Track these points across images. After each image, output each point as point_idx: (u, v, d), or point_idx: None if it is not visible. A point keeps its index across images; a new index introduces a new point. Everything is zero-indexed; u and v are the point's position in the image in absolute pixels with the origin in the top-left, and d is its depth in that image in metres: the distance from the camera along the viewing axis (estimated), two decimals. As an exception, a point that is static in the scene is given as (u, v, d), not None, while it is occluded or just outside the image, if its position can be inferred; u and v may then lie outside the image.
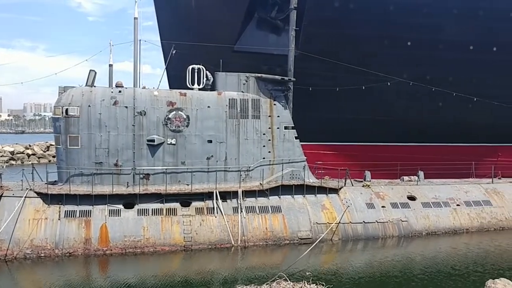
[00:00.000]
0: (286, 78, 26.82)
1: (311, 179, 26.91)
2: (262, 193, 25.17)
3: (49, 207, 22.39)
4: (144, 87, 25.01)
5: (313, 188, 26.23)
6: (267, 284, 15.60)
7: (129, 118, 23.72)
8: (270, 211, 24.78)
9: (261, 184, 25.49)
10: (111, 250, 21.94)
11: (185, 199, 24.09)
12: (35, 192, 22.69)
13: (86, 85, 23.80)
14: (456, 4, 32.13)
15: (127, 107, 23.70)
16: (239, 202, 24.32)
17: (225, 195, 24.55)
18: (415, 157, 31.76)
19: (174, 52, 26.12)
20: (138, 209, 23.15)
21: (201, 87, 25.23)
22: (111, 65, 25.99)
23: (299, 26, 28.95)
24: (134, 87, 24.72)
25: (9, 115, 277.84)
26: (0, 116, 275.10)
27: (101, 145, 23.40)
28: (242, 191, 24.60)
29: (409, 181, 29.98)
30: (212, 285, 18.68)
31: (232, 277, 19.20)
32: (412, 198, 28.04)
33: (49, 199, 22.49)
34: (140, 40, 25.04)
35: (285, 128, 26.51)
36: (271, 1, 31.92)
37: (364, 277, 19.79)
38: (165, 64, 28.47)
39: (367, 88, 31.03)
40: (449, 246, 24.99)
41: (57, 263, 20.88)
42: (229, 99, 25.21)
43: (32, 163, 43.20)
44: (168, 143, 24.28)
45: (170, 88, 28.53)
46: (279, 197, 25.50)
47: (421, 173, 30.39)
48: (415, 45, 32.36)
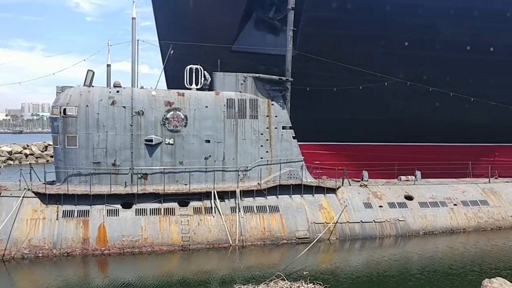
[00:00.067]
0: (283, 78, 26.93)
1: (308, 179, 26.98)
2: (260, 193, 25.22)
3: (47, 207, 22.39)
4: (142, 87, 25.03)
5: (310, 188, 26.30)
6: (264, 283, 15.66)
7: (127, 118, 23.75)
8: (268, 211, 24.83)
9: (259, 184, 25.55)
10: (109, 250, 21.95)
11: (183, 199, 24.13)
12: (33, 192, 22.68)
13: (84, 85, 23.83)
14: (452, 4, 32.26)
15: (125, 107, 23.73)
16: (237, 202, 24.37)
17: (223, 195, 24.60)
18: (413, 157, 31.82)
19: (172, 52, 26.16)
20: (136, 209, 23.17)
21: (199, 87, 25.27)
22: (109, 65, 26.03)
23: (297, 26, 29.04)
24: (132, 87, 24.72)
25: (6, 115, 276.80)
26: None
27: (99, 145, 23.43)
28: (240, 191, 24.65)
29: (406, 180, 30.05)
30: (210, 285, 18.71)
31: (230, 277, 19.23)
32: (409, 197, 28.12)
33: (47, 199, 22.49)
34: (138, 40, 25.06)
35: (283, 128, 26.59)
36: (269, 2, 32.01)
37: (361, 277, 19.84)
38: (163, 64, 28.52)
39: (364, 88, 31.14)
40: (446, 245, 25.07)
41: (55, 263, 20.87)
42: (227, 99, 25.26)
43: (30, 163, 43.15)
44: (166, 143, 24.32)
45: (168, 88, 28.61)
46: (277, 197, 25.55)
47: (418, 173, 30.46)
48: (412, 45, 32.50)
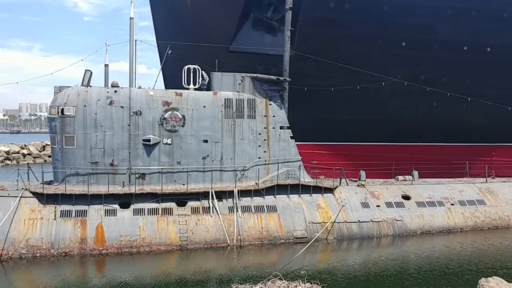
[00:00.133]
0: (281, 78, 26.93)
1: (306, 179, 27.02)
2: (257, 192, 25.26)
3: (45, 207, 22.38)
4: (139, 87, 25.04)
5: (308, 187, 26.35)
6: (262, 283, 15.70)
7: (124, 118, 23.75)
8: (265, 211, 24.87)
9: (256, 183, 25.58)
10: (107, 249, 21.96)
11: (181, 199, 24.14)
12: (31, 192, 22.67)
13: (81, 85, 23.82)
14: (450, 4, 32.35)
15: (122, 107, 23.74)
16: (234, 201, 24.40)
17: (221, 195, 24.63)
18: (410, 156, 31.92)
19: (170, 52, 26.19)
20: (134, 209, 23.18)
21: (196, 87, 25.28)
22: (106, 65, 26.04)
23: (295, 26, 29.09)
24: (129, 87, 24.74)
25: (4, 115, 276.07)
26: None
27: (96, 145, 23.43)
28: (237, 191, 24.67)
29: (404, 180, 30.13)
30: (207, 285, 18.74)
31: (227, 277, 19.26)
32: (406, 197, 28.19)
33: (45, 199, 22.48)
34: (136, 40, 25.10)
35: (281, 128, 26.62)
36: (266, 2, 32.06)
37: (358, 276, 19.90)
38: (161, 64, 28.60)
39: (362, 88, 31.22)
40: (443, 245, 25.12)
41: (53, 263, 20.87)
42: (225, 99, 25.29)
43: (27, 163, 43.25)
44: (164, 143, 24.33)
45: (165, 88, 28.58)
46: (275, 197, 25.59)
47: (416, 173, 30.54)
48: (409, 45, 32.60)
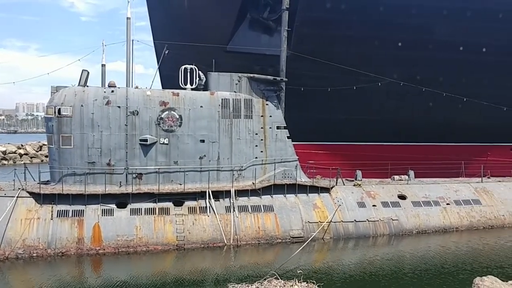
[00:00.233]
0: (278, 78, 27.02)
1: (303, 179, 27.12)
2: (254, 192, 25.34)
3: (42, 206, 22.39)
4: (136, 87, 25.05)
5: (305, 187, 26.45)
6: (258, 282, 15.74)
7: (121, 117, 23.78)
8: (262, 210, 24.95)
9: (253, 183, 25.66)
10: (104, 249, 21.99)
11: (178, 199, 24.20)
12: (28, 191, 22.68)
13: (78, 85, 23.83)
14: (446, 5, 32.49)
15: (119, 107, 23.76)
16: (231, 201, 24.46)
17: (218, 195, 24.69)
18: (406, 156, 32.03)
19: (166, 52, 26.21)
20: (130, 209, 23.22)
21: (193, 87, 25.34)
22: (103, 65, 26.00)
23: (291, 26, 29.13)
24: (126, 87, 24.76)
25: (1, 115, 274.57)
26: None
27: (93, 144, 23.45)
28: (234, 191, 24.74)
29: (400, 180, 30.27)
30: (204, 284, 18.81)
31: (224, 276, 19.33)
32: (402, 197, 28.32)
33: (42, 198, 22.50)
34: (132, 40, 25.11)
35: (277, 128, 26.71)
36: (263, 2, 32.11)
37: (354, 276, 20.01)
38: (158, 64, 28.54)
39: (358, 88, 31.32)
40: (438, 244, 25.25)
41: (50, 263, 20.88)
42: (222, 99, 25.35)
43: (24, 163, 43.03)
44: (160, 142, 24.37)
45: (162, 88, 28.61)
46: (272, 196, 25.68)
47: (412, 172, 30.68)
48: (405, 45, 32.72)
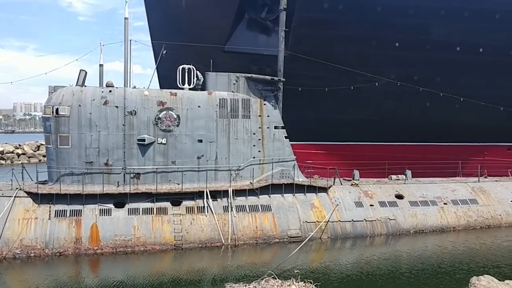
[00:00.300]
0: (276, 78, 27.08)
1: (300, 178, 27.18)
2: (252, 192, 25.39)
3: (39, 206, 22.39)
4: (134, 87, 25.08)
5: (302, 187, 26.51)
6: (256, 282, 15.80)
7: (119, 117, 23.79)
8: (260, 210, 25.01)
9: (251, 183, 25.71)
10: (102, 249, 22.00)
11: (176, 198, 24.22)
12: (25, 191, 22.68)
13: (76, 85, 23.83)
14: (443, 5, 32.58)
15: (117, 107, 23.78)
16: (229, 201, 24.51)
17: (216, 194, 24.74)
18: (403, 156, 32.14)
19: (164, 52, 26.25)
20: (128, 209, 23.23)
21: (191, 87, 25.37)
22: (101, 65, 26.04)
23: (289, 27, 29.19)
24: (124, 86, 24.77)
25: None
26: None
27: (91, 144, 23.46)
28: (232, 190, 24.79)
29: (397, 180, 30.33)
30: (202, 284, 18.85)
31: (222, 276, 19.38)
32: (400, 196, 28.41)
33: (39, 198, 22.49)
34: (130, 40, 25.12)
35: (275, 127, 26.77)
36: (261, 2, 32.15)
37: (352, 275, 20.07)
38: (156, 64, 28.60)
39: (355, 88, 31.39)
40: (436, 244, 25.33)
41: (47, 263, 20.89)
42: (220, 99, 25.38)
43: (22, 163, 43.12)
44: (158, 142, 24.40)
45: (160, 88, 28.62)
46: (269, 196, 25.73)
47: (409, 172, 30.76)
48: (403, 46, 32.78)
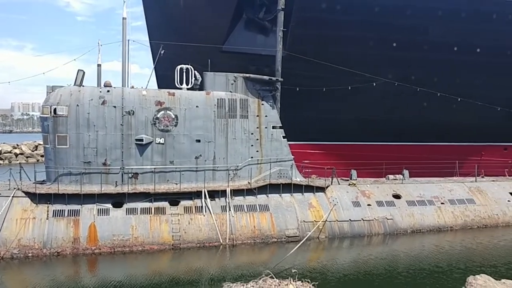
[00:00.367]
0: (273, 78, 27.13)
1: (298, 178, 27.24)
2: (250, 191, 25.45)
3: (37, 206, 22.39)
4: (132, 87, 25.11)
5: (300, 186, 26.57)
6: (253, 281, 15.82)
7: (117, 117, 23.81)
8: (258, 210, 25.06)
9: (249, 183, 25.76)
10: (100, 249, 22.02)
11: (174, 198, 24.25)
12: (23, 191, 22.68)
13: (74, 85, 23.86)
14: (440, 6, 32.69)
15: (115, 107, 23.80)
16: (227, 201, 24.56)
17: (214, 194, 24.79)
18: (400, 156, 32.20)
19: (162, 52, 26.28)
20: (126, 208, 23.26)
21: (189, 87, 25.41)
22: (99, 65, 26.01)
23: (287, 27, 29.26)
24: (122, 86, 24.81)
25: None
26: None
27: (89, 144, 23.47)
28: (230, 190, 24.83)
29: (395, 179, 30.43)
30: (200, 283, 18.89)
31: (219, 275, 19.43)
32: (397, 196, 28.49)
33: (37, 198, 22.50)
34: (128, 40, 25.21)
35: (273, 127, 26.83)
36: (259, 2, 32.19)
37: (349, 275, 20.15)
38: (154, 64, 28.61)
39: (353, 88, 31.45)
40: (433, 243, 25.43)
41: (45, 263, 20.89)
42: (218, 99, 25.42)
43: (19, 163, 43.10)
44: (156, 142, 24.43)
45: (158, 87, 28.63)
46: (267, 196, 25.79)
47: (406, 172, 30.86)
48: (400, 46, 32.89)
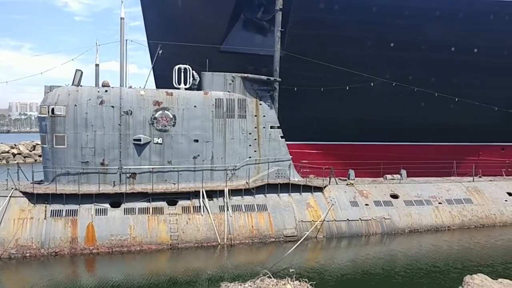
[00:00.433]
0: (271, 78, 27.15)
1: (296, 178, 27.28)
2: (248, 191, 25.47)
3: (35, 206, 22.38)
4: (130, 87, 25.10)
5: (298, 186, 26.61)
6: (251, 281, 15.85)
7: (115, 117, 23.80)
8: (256, 210, 25.08)
9: (247, 182, 25.78)
10: (98, 249, 22.02)
11: (172, 198, 24.26)
12: (21, 191, 22.65)
13: (72, 85, 23.83)
14: (438, 6, 32.76)
15: (113, 107, 23.78)
16: (225, 200, 24.56)
17: (212, 194, 24.79)
18: (398, 156, 32.28)
19: (160, 52, 26.25)
20: (124, 208, 23.25)
21: (187, 86, 25.41)
22: (97, 65, 25.97)
23: (285, 27, 29.26)
24: (120, 86, 24.78)
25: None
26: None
27: (87, 144, 23.46)
28: (228, 190, 24.85)
29: (392, 179, 30.50)
30: (198, 283, 18.90)
31: (217, 275, 19.45)
32: (395, 196, 28.56)
33: (35, 198, 22.47)
34: (126, 40, 25.11)
35: (271, 127, 26.85)
36: (257, 2, 32.19)
37: (347, 274, 20.19)
38: (152, 63, 28.57)
39: (351, 88, 31.47)
40: (430, 243, 25.49)
41: (43, 263, 20.87)
42: (216, 99, 25.44)
43: (17, 163, 42.92)
44: (154, 142, 24.42)
45: (156, 87, 28.62)
46: (265, 196, 25.82)
47: (404, 172, 30.94)
48: (398, 46, 32.93)
